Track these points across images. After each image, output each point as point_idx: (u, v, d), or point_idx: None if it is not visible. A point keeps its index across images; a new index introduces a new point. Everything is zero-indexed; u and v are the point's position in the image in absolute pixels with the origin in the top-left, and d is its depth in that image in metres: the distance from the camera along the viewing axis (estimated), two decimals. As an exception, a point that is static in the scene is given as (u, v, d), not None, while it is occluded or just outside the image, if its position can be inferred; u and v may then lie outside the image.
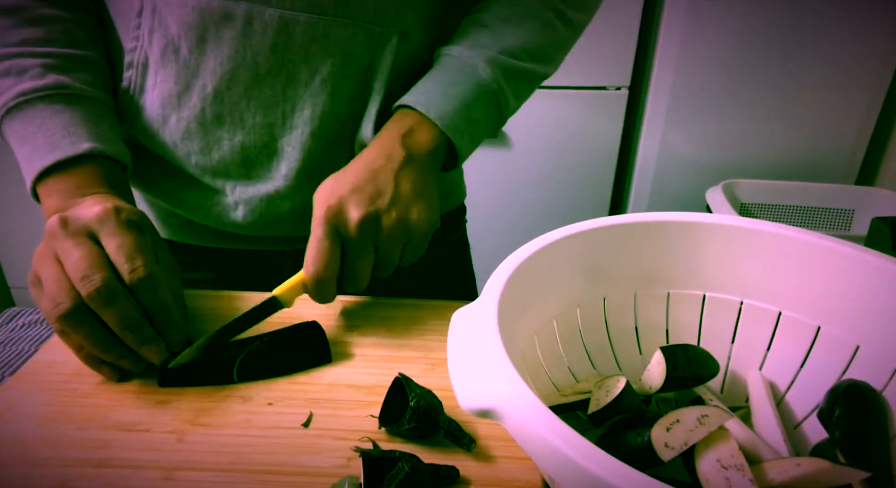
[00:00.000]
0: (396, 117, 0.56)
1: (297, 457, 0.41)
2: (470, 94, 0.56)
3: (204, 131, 0.58)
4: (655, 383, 0.42)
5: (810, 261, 0.44)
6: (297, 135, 0.58)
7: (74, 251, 0.44)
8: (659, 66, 1.55)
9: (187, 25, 0.53)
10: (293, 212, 0.62)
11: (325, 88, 0.56)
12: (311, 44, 0.54)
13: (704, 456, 0.34)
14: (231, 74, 0.55)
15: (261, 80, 0.55)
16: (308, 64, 0.55)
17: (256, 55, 0.54)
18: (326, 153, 0.60)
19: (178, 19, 0.53)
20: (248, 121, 0.57)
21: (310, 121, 0.57)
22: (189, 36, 0.54)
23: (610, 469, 0.25)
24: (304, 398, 0.46)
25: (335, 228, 0.50)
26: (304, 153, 0.59)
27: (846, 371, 0.42)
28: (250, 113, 0.57)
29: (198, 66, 0.55)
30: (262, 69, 0.55)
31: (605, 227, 0.46)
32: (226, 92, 0.56)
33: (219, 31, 0.53)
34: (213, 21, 0.53)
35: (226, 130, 0.57)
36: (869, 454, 0.37)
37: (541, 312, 0.44)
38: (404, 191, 0.52)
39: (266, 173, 0.60)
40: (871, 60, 1.52)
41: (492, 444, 0.42)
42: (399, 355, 0.51)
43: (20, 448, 0.41)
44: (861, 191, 1.56)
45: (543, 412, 0.28)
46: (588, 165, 1.72)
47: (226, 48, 0.54)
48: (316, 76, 0.56)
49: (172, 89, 0.56)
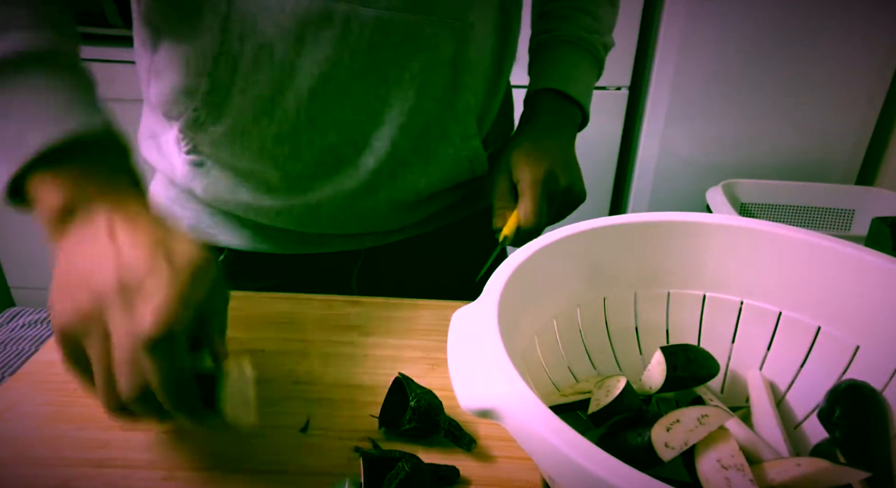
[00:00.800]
0: (548, 98, 0.68)
1: (297, 457, 0.41)
2: (589, 72, 0.71)
3: (296, 133, 0.57)
4: (655, 383, 0.42)
5: (810, 261, 0.44)
6: (387, 130, 0.59)
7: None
8: (659, 66, 1.55)
9: (284, 28, 0.52)
10: (374, 207, 0.63)
11: (414, 84, 0.58)
12: (404, 42, 0.55)
13: (704, 456, 0.34)
14: (327, 75, 0.55)
15: (355, 79, 0.56)
16: (399, 61, 0.56)
17: (354, 55, 0.54)
18: (413, 147, 0.61)
19: (273, 23, 0.52)
20: (340, 119, 0.58)
21: (398, 116, 0.58)
22: (286, 38, 0.53)
23: (610, 469, 0.25)
24: (305, 398, 0.46)
25: (550, 191, 0.61)
26: (391, 147, 0.60)
27: (846, 371, 0.42)
28: (343, 112, 0.57)
29: (293, 67, 0.54)
30: (357, 68, 0.55)
31: (606, 227, 0.46)
32: (321, 93, 0.56)
33: (317, 32, 0.53)
34: (311, 23, 0.52)
35: (318, 130, 0.58)
36: (869, 454, 0.37)
37: (541, 312, 0.44)
38: (574, 164, 0.66)
39: (353, 169, 0.61)
40: (872, 60, 1.52)
41: (492, 444, 0.42)
42: (399, 355, 0.51)
43: (20, 448, 0.41)
44: (861, 191, 1.56)
45: (543, 412, 0.28)
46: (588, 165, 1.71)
47: (324, 49, 0.53)
48: (406, 73, 0.57)
49: (266, 92, 0.55)
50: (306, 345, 0.53)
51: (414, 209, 0.67)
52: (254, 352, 0.51)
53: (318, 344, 0.53)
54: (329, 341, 0.53)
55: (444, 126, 0.62)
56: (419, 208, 0.67)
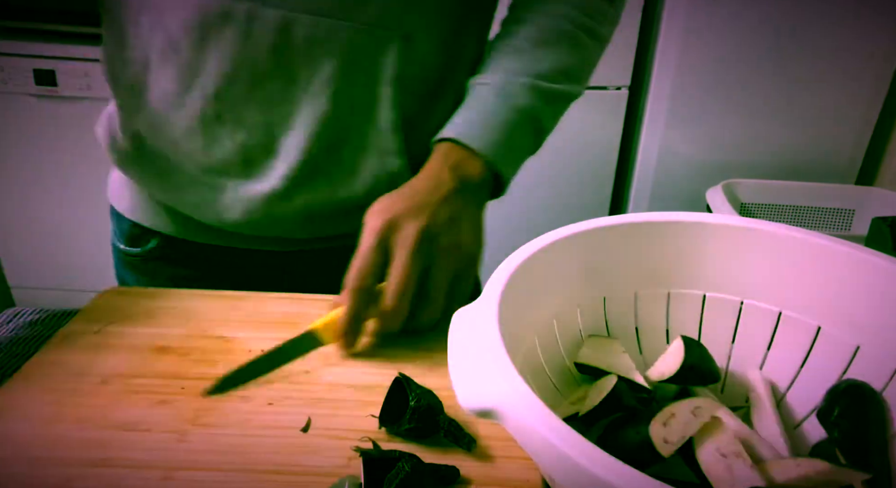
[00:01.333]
0: (441, 149, 0.55)
1: (297, 457, 0.40)
2: (511, 122, 0.55)
3: (205, 130, 0.58)
4: (669, 370, 0.41)
5: (810, 260, 0.44)
6: (297, 136, 0.58)
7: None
8: (659, 66, 1.55)
9: (188, 24, 0.53)
10: (291, 213, 0.62)
11: (326, 91, 0.56)
12: (312, 45, 0.54)
13: (704, 446, 0.34)
14: (232, 74, 0.55)
15: (261, 79, 0.55)
16: (309, 65, 0.55)
17: (257, 55, 0.54)
18: (327, 156, 0.59)
19: (178, 18, 0.53)
20: (249, 120, 0.57)
21: (309, 122, 0.57)
22: (190, 35, 0.54)
23: (610, 469, 0.25)
24: (305, 398, 0.46)
25: (385, 241, 0.49)
26: (303, 154, 0.58)
27: (846, 371, 0.42)
28: (251, 112, 0.57)
29: (198, 65, 0.55)
30: (263, 69, 0.55)
31: (606, 227, 0.46)
32: (226, 91, 0.56)
33: (220, 31, 0.53)
34: (213, 20, 0.53)
35: (227, 129, 0.57)
36: (868, 454, 0.37)
37: (541, 312, 0.44)
38: (458, 216, 0.51)
39: (265, 172, 0.60)
40: (872, 60, 1.52)
41: (492, 444, 0.42)
42: (399, 355, 0.51)
43: (20, 448, 0.41)
44: (861, 191, 1.56)
45: (544, 412, 0.28)
46: (588, 165, 1.72)
47: (227, 48, 0.54)
48: (316, 78, 0.55)
49: (173, 88, 0.56)
50: (306, 344, 0.53)
51: (337, 220, 0.64)
52: (254, 352, 0.51)
53: (318, 344, 0.53)
54: (329, 341, 0.53)
55: (364, 138, 0.59)
56: (343, 220, 0.62)
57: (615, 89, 1.62)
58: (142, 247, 0.70)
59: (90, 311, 0.56)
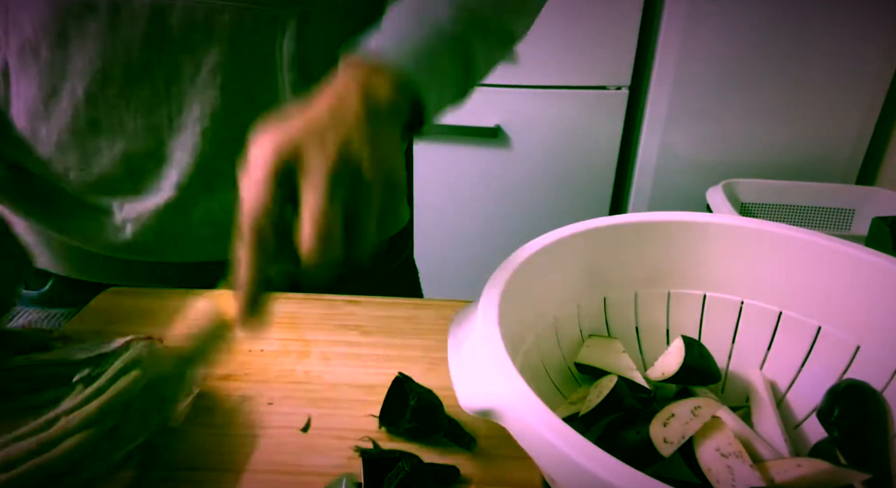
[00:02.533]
0: (346, 68, 0.42)
1: (297, 457, 0.41)
2: (432, 39, 0.44)
3: (79, 141, 0.51)
4: (670, 369, 0.41)
5: (811, 260, 0.44)
6: (187, 137, 0.51)
7: None
8: (659, 66, 1.55)
9: (43, 22, 0.47)
10: (191, 229, 0.55)
11: (214, 82, 0.50)
12: (191, 33, 0.48)
13: (704, 446, 0.34)
14: (102, 73, 0.49)
15: (137, 77, 0.49)
16: (191, 56, 0.49)
17: (128, 49, 0.48)
18: (224, 157, 0.51)
19: (31, 16, 0.47)
20: (129, 124, 0.51)
21: (199, 119, 0.51)
22: (47, 33, 0.47)
23: (610, 468, 0.25)
24: (305, 397, 0.46)
25: (283, 172, 0.35)
26: (196, 157, 0.52)
27: (846, 371, 0.42)
28: (130, 115, 0.50)
29: (63, 67, 0.48)
30: (137, 65, 0.48)
31: (606, 227, 0.46)
32: (99, 94, 0.49)
33: (81, 26, 0.47)
34: (72, 14, 0.47)
35: (104, 138, 0.51)
36: (868, 454, 0.37)
37: (542, 312, 0.44)
38: (373, 139, 0.37)
39: (155, 183, 0.53)
40: (872, 60, 1.52)
41: (492, 444, 0.42)
42: (399, 355, 0.51)
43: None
44: (862, 191, 1.56)
45: (544, 411, 0.28)
46: (588, 165, 1.72)
47: (92, 44, 0.47)
48: (202, 69, 0.49)
49: (37, 96, 0.50)
50: (306, 344, 0.53)
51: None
52: (254, 352, 0.51)
53: (318, 343, 0.53)
54: (329, 341, 0.53)
55: None
56: None
57: (615, 89, 1.62)
58: (37, 289, 0.63)
59: (89, 312, 0.56)
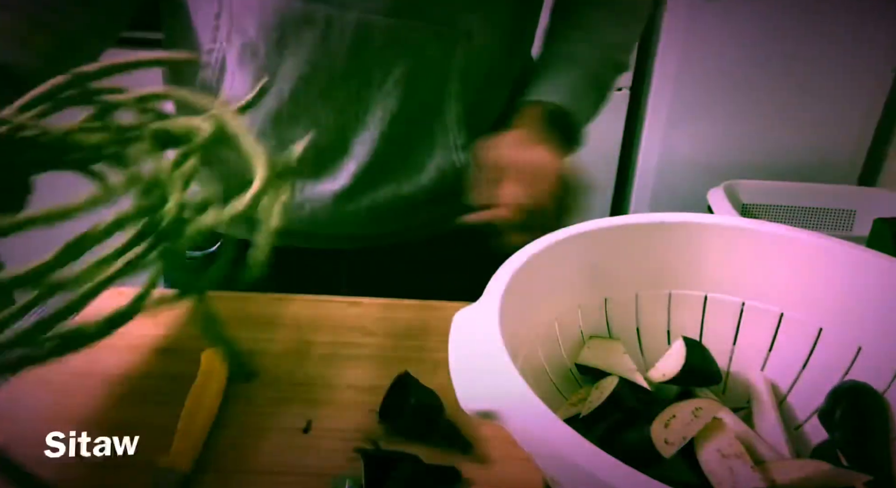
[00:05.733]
0: (523, 114, 0.60)
1: (297, 457, 0.40)
2: (580, 80, 0.63)
3: (278, 131, 0.58)
4: (671, 371, 0.41)
5: (812, 261, 0.44)
6: (369, 135, 0.59)
7: None
8: (660, 67, 1.55)
9: (266, 28, 0.54)
10: (357, 212, 0.63)
11: (398, 90, 0.57)
12: (387, 47, 0.55)
13: (705, 448, 0.34)
14: (308, 76, 0.55)
15: (336, 81, 0.56)
16: (382, 66, 0.56)
17: (334, 58, 0.55)
18: (395, 154, 0.60)
19: (257, 22, 0.54)
20: (322, 121, 0.58)
21: (380, 121, 0.58)
22: (268, 38, 0.54)
23: (611, 470, 0.25)
24: (305, 398, 0.46)
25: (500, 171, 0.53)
26: (373, 153, 0.59)
27: (848, 372, 0.42)
28: (325, 113, 0.57)
29: (275, 68, 0.55)
30: (339, 71, 0.55)
31: (607, 228, 0.46)
32: (302, 93, 0.56)
33: (298, 34, 0.54)
34: (292, 24, 0.53)
35: (300, 130, 0.58)
36: (869, 455, 0.37)
37: (543, 313, 0.44)
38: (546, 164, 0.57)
39: (335, 172, 0.61)
40: (873, 61, 1.52)
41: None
42: (400, 355, 0.51)
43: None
44: (863, 192, 1.56)
45: (545, 413, 0.28)
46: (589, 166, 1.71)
47: (304, 51, 0.54)
48: (389, 78, 0.56)
49: (249, 90, 0.55)
50: (307, 345, 0.53)
51: (398, 217, 0.65)
52: (255, 352, 0.51)
53: (318, 344, 0.53)
54: (330, 342, 0.53)
55: (431, 135, 0.61)
56: (405, 216, 0.65)
57: (616, 90, 1.62)
58: (203, 249, 0.70)
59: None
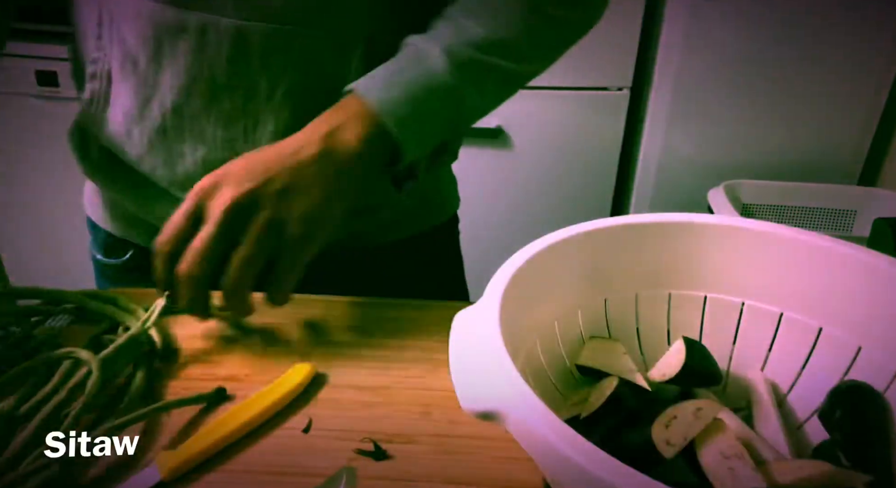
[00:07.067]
0: (335, 107, 0.50)
1: (297, 458, 0.41)
2: (420, 83, 0.50)
3: (166, 145, 0.56)
4: (671, 370, 0.41)
5: (812, 262, 0.44)
6: None
7: None
8: (661, 67, 1.55)
9: (143, 37, 0.52)
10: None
11: (289, 103, 0.54)
12: (271, 55, 0.52)
13: (706, 448, 0.34)
14: (189, 87, 0.53)
15: (219, 93, 0.54)
16: (268, 77, 0.53)
17: (213, 67, 0.52)
18: None
19: (134, 31, 0.52)
20: (209, 135, 0.55)
21: (273, 136, 0.55)
22: (146, 48, 0.52)
23: (612, 470, 0.25)
24: (306, 398, 0.46)
25: (197, 208, 0.45)
26: None
27: (848, 372, 0.42)
28: (211, 127, 0.55)
29: (156, 79, 0.54)
30: (220, 82, 0.53)
31: (607, 228, 0.46)
32: (185, 105, 0.54)
33: (174, 43, 0.52)
34: (167, 33, 0.51)
35: (187, 145, 0.56)
36: (870, 455, 0.37)
37: (542, 314, 0.44)
38: (297, 188, 0.45)
39: None
40: (874, 60, 1.51)
41: (493, 445, 0.42)
42: (400, 356, 0.51)
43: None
44: (863, 192, 1.56)
45: (545, 414, 0.28)
46: (590, 166, 1.72)
47: (181, 60, 0.52)
48: (278, 89, 0.53)
49: (133, 103, 0.55)
50: (308, 345, 0.53)
51: None
52: (255, 353, 0.51)
53: (319, 344, 0.53)
54: (330, 341, 0.53)
55: None
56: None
57: (617, 90, 1.62)
58: (118, 257, 0.69)
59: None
